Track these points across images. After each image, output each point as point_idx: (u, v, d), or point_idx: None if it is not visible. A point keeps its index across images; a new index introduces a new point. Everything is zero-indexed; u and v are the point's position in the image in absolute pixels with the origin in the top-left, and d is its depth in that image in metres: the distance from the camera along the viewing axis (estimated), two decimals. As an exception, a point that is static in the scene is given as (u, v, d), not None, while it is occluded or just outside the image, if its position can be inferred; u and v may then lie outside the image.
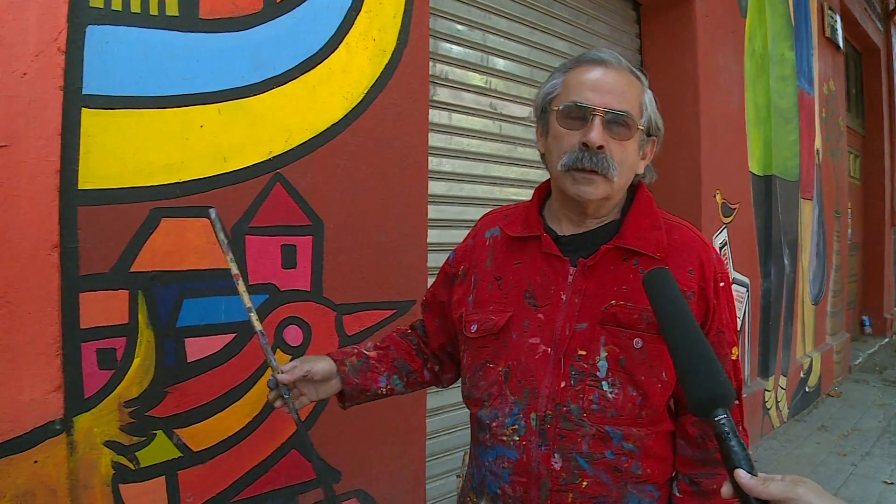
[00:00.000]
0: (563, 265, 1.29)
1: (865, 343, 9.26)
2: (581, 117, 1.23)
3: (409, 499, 2.62)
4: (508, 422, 1.27)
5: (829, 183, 7.03)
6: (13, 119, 1.62)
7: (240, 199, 2.06)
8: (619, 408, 1.22)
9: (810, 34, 6.37)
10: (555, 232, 1.34)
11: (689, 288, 1.24)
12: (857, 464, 4.73)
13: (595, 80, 1.25)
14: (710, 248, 1.32)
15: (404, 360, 1.54)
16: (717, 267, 1.30)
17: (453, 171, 3.19)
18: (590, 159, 1.21)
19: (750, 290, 5.15)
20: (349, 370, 1.45)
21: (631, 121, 1.25)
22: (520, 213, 1.39)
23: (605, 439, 1.22)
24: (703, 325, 1.25)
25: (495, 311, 1.32)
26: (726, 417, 0.84)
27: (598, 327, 1.24)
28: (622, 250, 1.27)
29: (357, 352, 1.50)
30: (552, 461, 1.22)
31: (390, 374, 1.51)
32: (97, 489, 1.78)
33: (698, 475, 1.28)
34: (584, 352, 1.23)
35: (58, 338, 1.70)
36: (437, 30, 3.05)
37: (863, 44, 9.27)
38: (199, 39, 1.96)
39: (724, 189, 4.70)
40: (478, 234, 1.46)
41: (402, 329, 1.62)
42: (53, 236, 1.69)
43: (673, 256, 1.26)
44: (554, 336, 1.25)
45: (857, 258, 9.56)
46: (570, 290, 1.27)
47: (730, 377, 1.21)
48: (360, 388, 1.47)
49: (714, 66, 4.61)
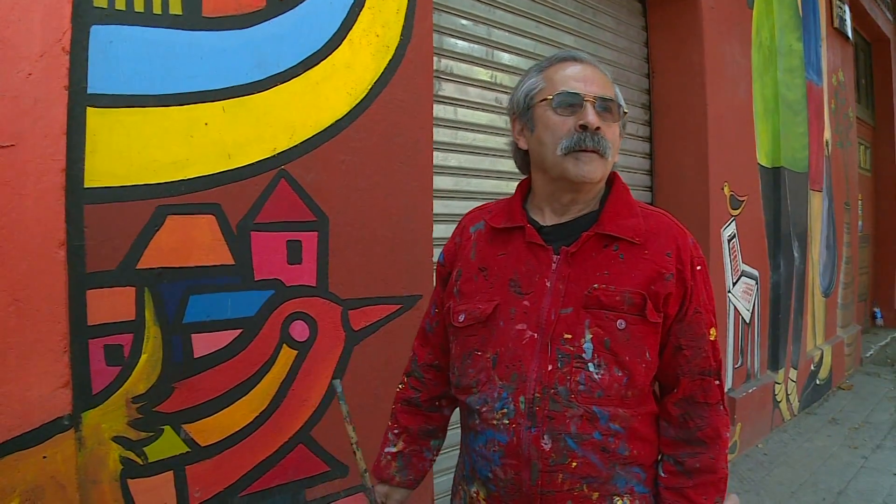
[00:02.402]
0: (546, 253, 1.34)
1: (877, 335, 9.19)
2: (573, 104, 1.31)
3: (417, 494, 2.62)
4: (498, 406, 1.30)
5: (838, 174, 6.98)
6: (19, 119, 1.63)
7: (245, 195, 2.08)
8: (606, 388, 1.26)
9: (818, 25, 6.32)
10: (537, 223, 1.39)
11: (668, 270, 1.30)
12: (868, 456, 4.70)
13: (578, 73, 1.34)
14: (687, 234, 1.38)
15: (426, 426, 1.59)
16: (694, 252, 1.36)
17: (460, 166, 3.19)
18: (591, 139, 1.29)
19: (759, 283, 5.13)
20: (400, 477, 1.55)
21: (616, 106, 1.34)
22: (503, 207, 1.45)
23: (593, 420, 1.26)
24: (681, 307, 1.32)
25: (482, 301, 1.36)
26: None
27: (582, 311, 1.28)
28: (602, 237, 1.33)
29: (391, 455, 1.57)
30: (542, 442, 1.26)
31: (427, 446, 1.59)
32: (105, 484, 1.80)
33: (681, 455, 1.33)
34: (570, 335, 1.28)
35: (65, 334, 1.72)
36: (442, 25, 3.05)
37: (872, 34, 9.18)
38: (202, 38, 1.97)
39: (732, 181, 4.68)
40: (463, 231, 1.51)
41: (403, 393, 1.61)
42: (60, 234, 1.71)
43: (651, 241, 1.33)
44: (540, 321, 1.29)
45: (868, 250, 9.49)
46: (554, 276, 1.31)
47: (708, 357, 1.33)
48: (419, 478, 1.58)
49: (721, 58, 4.58)
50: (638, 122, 4.54)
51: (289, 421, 2.21)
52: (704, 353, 1.34)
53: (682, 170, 4.51)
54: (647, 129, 4.63)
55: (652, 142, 4.65)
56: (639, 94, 4.56)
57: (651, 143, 4.65)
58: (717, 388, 1.35)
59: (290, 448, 2.21)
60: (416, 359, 1.61)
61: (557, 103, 1.32)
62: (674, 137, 4.55)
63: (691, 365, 1.33)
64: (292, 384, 2.20)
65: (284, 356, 2.18)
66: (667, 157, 4.61)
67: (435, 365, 1.57)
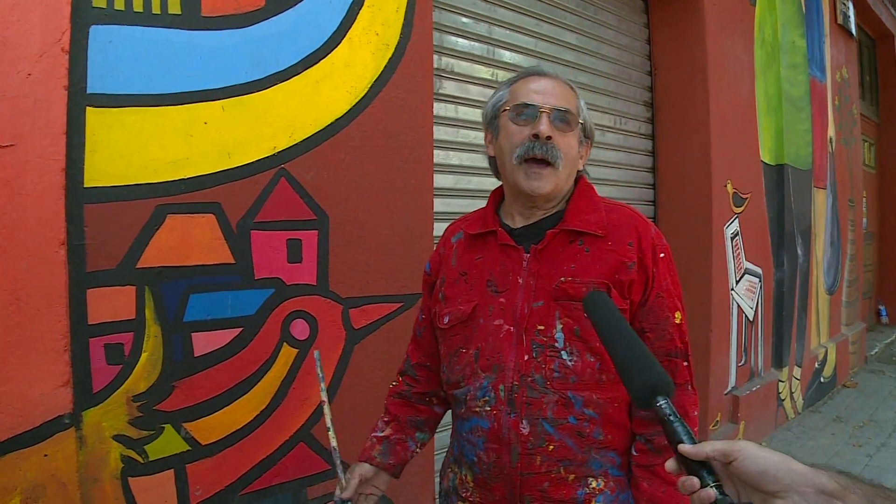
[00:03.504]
0: (517, 253, 1.43)
1: (882, 333, 9.17)
2: (530, 115, 1.41)
3: (418, 491, 2.64)
4: (480, 395, 1.40)
5: (842, 171, 6.96)
6: (19, 119, 1.64)
7: (245, 194, 2.08)
8: (580, 374, 1.35)
9: (822, 21, 6.30)
10: (509, 226, 1.48)
11: (630, 259, 1.38)
12: (873, 455, 4.69)
13: (538, 87, 1.44)
14: (649, 225, 1.46)
15: (414, 417, 1.65)
16: (656, 240, 1.43)
17: (461, 164, 3.19)
18: (540, 147, 1.38)
19: (763, 281, 5.12)
20: (381, 459, 1.58)
21: (572, 117, 1.43)
22: (478, 216, 1.56)
23: (568, 405, 1.34)
24: (644, 292, 1.39)
25: (462, 302, 1.46)
26: (666, 402, 0.90)
27: (552, 303, 1.37)
28: (568, 233, 1.41)
29: (376, 439, 1.62)
30: (520, 427, 1.34)
31: (413, 437, 1.64)
32: (106, 482, 1.81)
33: (651, 434, 1.38)
34: (543, 326, 1.37)
35: (66, 333, 1.72)
36: (443, 23, 3.05)
37: (876, 30, 9.14)
38: (201, 37, 1.97)
39: (734, 179, 4.67)
40: (445, 242, 1.61)
41: (396, 388, 1.69)
42: (60, 233, 1.71)
43: (614, 233, 1.41)
44: (515, 315, 1.39)
45: (873, 247, 9.46)
46: (525, 273, 1.41)
47: (674, 339, 1.40)
48: (399, 464, 1.61)
49: (723, 55, 4.57)
50: (640, 120, 4.53)
51: (289, 419, 2.21)
52: (668, 335, 1.40)
53: (684, 167, 4.51)
54: (649, 127, 4.62)
55: (654, 139, 4.64)
56: (641, 91, 4.55)
57: (653, 141, 4.64)
58: (685, 369, 1.42)
59: (291, 447, 2.22)
60: (410, 360, 1.69)
61: (515, 113, 1.42)
62: (676, 134, 4.55)
63: (655, 347, 1.38)
64: (293, 383, 2.21)
65: (285, 355, 2.19)
66: (669, 154, 4.60)
67: (427, 365, 1.65)
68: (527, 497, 1.36)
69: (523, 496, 1.36)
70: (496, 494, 1.39)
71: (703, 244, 4.43)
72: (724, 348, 4.61)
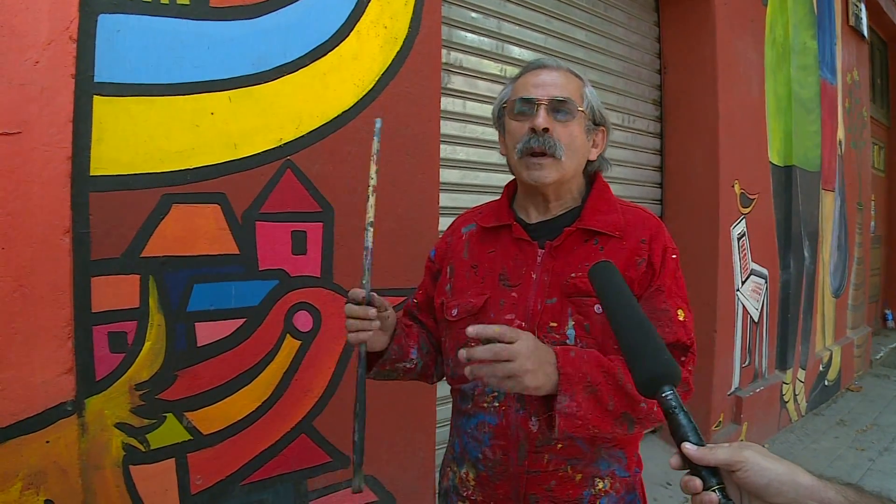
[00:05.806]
0: (532, 248, 1.41)
1: (887, 337, 9.12)
2: (529, 109, 1.39)
3: (419, 485, 2.64)
4: (489, 390, 1.37)
5: (851, 174, 6.92)
6: (26, 106, 1.64)
7: (250, 185, 2.08)
8: None
9: (834, 23, 6.25)
10: (524, 221, 1.47)
11: (641, 255, 1.37)
12: (876, 459, 4.67)
13: (537, 79, 1.42)
14: (663, 227, 1.45)
15: (426, 340, 1.58)
16: (668, 243, 1.41)
17: (468, 159, 3.18)
18: (538, 140, 1.37)
19: (769, 282, 5.09)
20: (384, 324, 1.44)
21: (571, 105, 1.39)
22: (492, 208, 1.55)
23: None
24: (648, 287, 1.36)
25: (473, 295, 1.43)
26: (672, 393, 0.87)
27: (565, 300, 1.35)
28: (584, 232, 1.40)
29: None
30: (530, 424, 1.32)
31: (418, 348, 1.54)
32: (108, 470, 1.81)
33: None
34: (555, 323, 1.35)
35: (70, 321, 1.73)
36: (452, 17, 3.04)
37: (888, 32, 9.07)
38: (209, 27, 1.97)
39: (742, 179, 4.65)
40: (455, 232, 1.59)
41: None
42: (66, 222, 1.72)
43: (629, 233, 1.40)
44: (527, 311, 1.36)
45: (880, 251, 9.41)
46: (539, 269, 1.39)
47: (678, 334, 1.33)
48: (399, 352, 1.49)
49: (733, 54, 4.55)
50: (649, 118, 4.51)
51: (291, 411, 2.22)
52: (662, 325, 1.34)
53: (692, 166, 4.49)
54: (657, 125, 4.60)
55: (662, 137, 4.63)
56: (650, 89, 4.53)
57: (662, 139, 4.63)
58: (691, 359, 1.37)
59: (293, 438, 2.22)
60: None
61: (514, 109, 1.42)
62: (685, 133, 4.53)
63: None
64: (295, 374, 2.21)
65: (288, 346, 2.19)
66: (677, 153, 4.58)
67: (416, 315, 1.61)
68: (531, 496, 1.34)
69: (528, 495, 1.34)
70: (499, 493, 1.38)
71: (709, 244, 4.41)
72: (728, 349, 4.59)
